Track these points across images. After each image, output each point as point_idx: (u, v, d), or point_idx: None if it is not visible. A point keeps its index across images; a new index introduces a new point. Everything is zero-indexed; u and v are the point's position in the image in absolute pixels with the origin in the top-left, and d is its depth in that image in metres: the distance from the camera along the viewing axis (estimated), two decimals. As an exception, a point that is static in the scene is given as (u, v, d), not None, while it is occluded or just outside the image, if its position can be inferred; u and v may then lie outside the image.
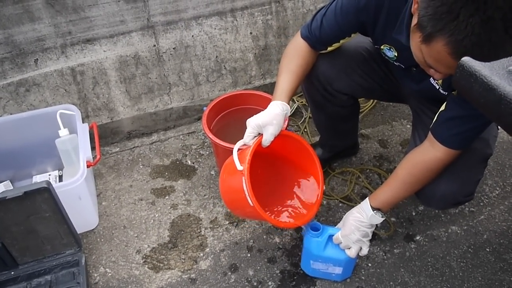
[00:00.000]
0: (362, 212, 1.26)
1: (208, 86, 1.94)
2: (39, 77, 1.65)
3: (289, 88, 1.26)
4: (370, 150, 1.87)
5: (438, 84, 1.17)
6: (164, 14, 1.70)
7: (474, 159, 1.25)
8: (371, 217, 1.24)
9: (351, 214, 1.28)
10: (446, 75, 0.98)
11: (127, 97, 1.82)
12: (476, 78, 0.63)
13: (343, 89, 1.45)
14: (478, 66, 0.64)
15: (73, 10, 1.57)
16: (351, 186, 1.72)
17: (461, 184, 1.24)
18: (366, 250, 1.28)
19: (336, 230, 1.30)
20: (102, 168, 1.81)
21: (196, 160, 1.84)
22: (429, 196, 1.28)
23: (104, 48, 1.69)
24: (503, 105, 0.59)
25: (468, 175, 1.25)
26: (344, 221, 1.29)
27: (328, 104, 1.49)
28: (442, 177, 1.23)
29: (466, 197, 1.29)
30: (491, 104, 0.62)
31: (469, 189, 1.28)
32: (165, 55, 1.79)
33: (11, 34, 1.54)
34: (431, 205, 1.33)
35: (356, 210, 1.29)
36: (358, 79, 1.43)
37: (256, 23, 1.87)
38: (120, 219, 1.63)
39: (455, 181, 1.23)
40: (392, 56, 1.24)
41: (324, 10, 1.25)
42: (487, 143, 1.26)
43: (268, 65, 2.00)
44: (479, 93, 0.63)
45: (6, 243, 1.33)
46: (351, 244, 1.27)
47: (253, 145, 1.19)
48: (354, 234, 1.25)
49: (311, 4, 1.92)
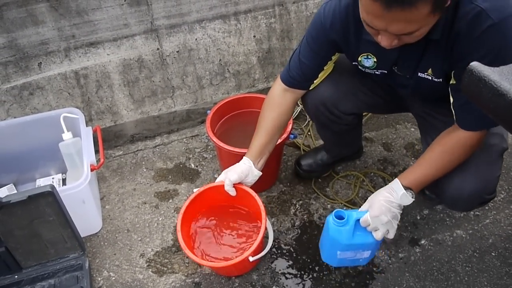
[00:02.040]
0: (393, 192, 1.19)
1: (212, 89, 1.94)
2: (42, 80, 1.65)
3: (258, 146, 1.36)
4: (374, 154, 1.86)
5: (429, 75, 1.16)
6: (167, 17, 1.70)
7: (494, 155, 1.24)
8: (402, 196, 1.17)
9: (380, 194, 1.21)
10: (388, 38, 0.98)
11: (130, 100, 1.82)
12: (485, 83, 0.63)
13: (349, 110, 1.45)
14: (487, 71, 0.63)
15: (77, 14, 1.57)
16: (355, 189, 1.71)
17: (485, 182, 1.23)
18: (393, 233, 1.22)
19: (361, 214, 1.21)
20: (106, 172, 1.81)
21: (199, 163, 1.84)
22: (456, 197, 1.26)
23: (107, 51, 1.69)
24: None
25: (490, 172, 1.24)
26: (372, 202, 1.21)
27: (334, 124, 1.50)
28: (466, 177, 1.22)
29: (490, 194, 1.28)
30: (501, 109, 0.61)
31: (492, 186, 1.27)
32: (169, 59, 1.79)
33: (15, 38, 1.54)
34: (458, 207, 1.31)
35: (386, 190, 1.21)
36: (363, 97, 1.43)
37: (259, 26, 1.87)
38: (124, 222, 1.62)
39: (479, 180, 1.22)
40: (371, 64, 1.23)
41: (297, 49, 1.31)
42: (502, 138, 1.26)
43: (271, 68, 1.99)
44: (488, 98, 0.62)
45: (10, 247, 1.33)
46: (379, 226, 1.20)
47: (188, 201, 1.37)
48: (385, 216, 1.18)
49: (315, 7, 1.92)
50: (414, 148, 1.87)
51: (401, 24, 0.92)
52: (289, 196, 1.70)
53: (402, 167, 1.80)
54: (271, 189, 1.73)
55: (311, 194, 1.71)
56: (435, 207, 1.64)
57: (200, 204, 1.45)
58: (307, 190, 1.72)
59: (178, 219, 1.35)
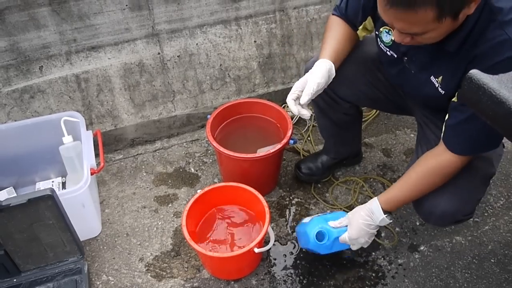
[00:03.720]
0: (372, 215, 1.26)
1: (212, 94, 1.94)
2: (43, 84, 1.66)
3: (333, 50, 1.28)
4: (373, 159, 1.86)
5: (437, 82, 1.15)
6: (168, 22, 1.71)
7: (477, 179, 1.25)
8: (381, 220, 1.25)
9: (360, 216, 1.28)
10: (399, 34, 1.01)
11: (131, 104, 1.83)
12: (484, 91, 0.63)
13: (347, 97, 1.46)
14: (486, 79, 0.63)
15: (79, 18, 1.58)
16: (355, 195, 1.71)
17: (461, 203, 1.24)
18: (368, 244, 1.33)
19: (341, 232, 1.32)
20: (106, 175, 1.81)
21: (199, 167, 1.84)
22: (428, 213, 1.27)
23: (108, 55, 1.70)
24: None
25: (469, 195, 1.25)
26: (351, 222, 1.30)
27: (331, 110, 1.51)
28: (443, 194, 1.22)
29: (465, 215, 1.28)
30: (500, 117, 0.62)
31: (469, 208, 1.28)
32: (170, 63, 1.80)
33: (16, 41, 1.54)
34: (430, 221, 1.31)
35: (365, 213, 1.28)
36: (363, 88, 1.43)
37: (260, 32, 1.88)
38: (123, 226, 1.62)
39: (456, 200, 1.22)
40: (388, 41, 1.22)
41: None
42: (490, 163, 1.26)
43: (272, 74, 2.00)
44: (487, 106, 0.63)
45: (9, 250, 1.33)
46: (356, 244, 1.32)
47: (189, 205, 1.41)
48: (363, 238, 1.28)
49: (315, 13, 1.92)
50: (413, 154, 1.87)
51: (404, 23, 0.94)
52: (288, 201, 1.70)
53: (402, 173, 1.79)
54: (271, 194, 1.73)
55: (311, 199, 1.71)
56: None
57: (203, 204, 1.48)
58: (307, 195, 1.72)
59: (182, 216, 1.38)
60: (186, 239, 1.32)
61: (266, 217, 1.37)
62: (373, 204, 1.27)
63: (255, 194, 1.45)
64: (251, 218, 1.53)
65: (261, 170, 1.62)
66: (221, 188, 1.49)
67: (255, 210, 1.51)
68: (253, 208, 1.51)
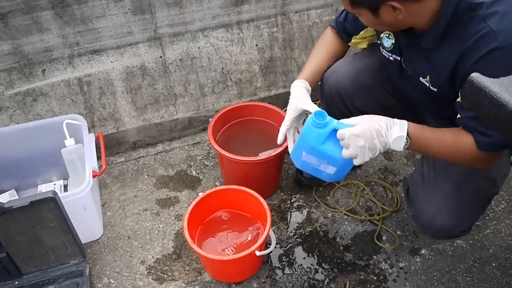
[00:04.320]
0: (392, 126, 1.07)
1: (214, 97, 1.95)
2: (46, 87, 1.67)
3: (310, 70, 1.39)
4: (375, 163, 1.86)
5: (427, 82, 1.16)
6: (171, 25, 1.72)
7: (478, 199, 1.25)
8: (397, 139, 1.06)
9: (377, 122, 1.07)
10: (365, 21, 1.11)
11: (133, 107, 1.83)
12: (485, 94, 0.63)
13: (362, 106, 1.43)
14: (487, 82, 0.64)
15: (81, 22, 1.59)
16: (356, 198, 1.71)
17: (459, 221, 1.24)
18: (360, 161, 1.09)
19: (343, 126, 1.09)
20: (107, 178, 1.81)
21: (201, 170, 1.85)
22: (426, 226, 1.28)
23: (111, 59, 1.71)
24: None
25: (468, 213, 1.25)
26: (363, 122, 1.08)
27: (342, 118, 1.48)
28: (443, 210, 1.22)
29: (461, 232, 1.29)
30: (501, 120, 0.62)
31: (466, 225, 1.29)
32: (171, 66, 1.80)
33: (19, 45, 1.55)
34: (427, 233, 1.32)
35: (385, 121, 1.07)
36: (379, 96, 1.43)
37: (262, 35, 1.89)
38: (125, 229, 1.63)
39: (453, 217, 1.22)
40: (389, 45, 1.24)
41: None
42: (494, 184, 1.25)
43: (273, 77, 2.01)
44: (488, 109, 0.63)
45: (11, 252, 1.33)
46: (352, 146, 1.07)
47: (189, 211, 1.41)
48: (364, 140, 1.06)
49: (317, 17, 1.93)
50: (414, 158, 1.88)
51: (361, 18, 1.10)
52: (289, 205, 1.71)
53: (403, 176, 1.80)
54: (272, 197, 1.74)
55: (312, 202, 1.71)
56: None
57: (205, 207, 1.49)
58: (308, 198, 1.73)
59: (184, 219, 1.38)
60: (188, 242, 1.32)
61: (268, 220, 1.37)
62: (402, 121, 1.09)
63: (256, 197, 1.45)
64: (252, 221, 1.53)
65: (262, 173, 1.62)
66: (223, 191, 1.50)
67: (256, 213, 1.51)
68: (254, 211, 1.52)
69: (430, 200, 1.26)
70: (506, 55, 0.94)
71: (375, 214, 1.66)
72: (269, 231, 1.37)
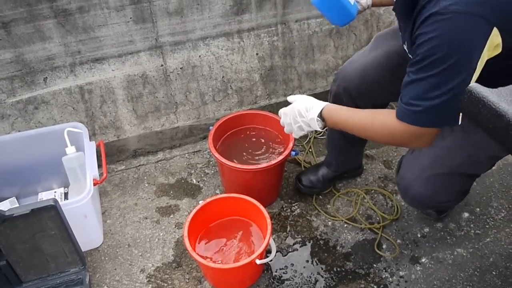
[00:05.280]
0: (309, 111, 1.20)
1: (214, 105, 1.96)
2: (47, 95, 1.68)
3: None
4: (375, 171, 1.87)
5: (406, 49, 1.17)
6: (172, 34, 1.73)
7: (456, 173, 1.26)
8: (311, 119, 1.19)
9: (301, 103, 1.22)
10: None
11: (134, 115, 1.84)
12: (484, 104, 0.64)
13: (373, 101, 1.44)
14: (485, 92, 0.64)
15: (83, 30, 1.60)
16: (356, 207, 1.71)
17: (433, 192, 1.28)
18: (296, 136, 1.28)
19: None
20: (108, 186, 1.82)
21: (201, 179, 1.85)
22: (403, 193, 1.33)
23: (112, 67, 1.72)
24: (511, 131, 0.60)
25: (444, 187, 1.27)
26: (293, 103, 1.25)
27: None
28: (418, 180, 1.26)
29: (441, 203, 1.32)
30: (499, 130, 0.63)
31: (443, 198, 1.30)
32: (172, 75, 1.82)
33: (21, 53, 1.56)
34: (406, 201, 1.36)
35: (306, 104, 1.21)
36: (393, 88, 1.35)
37: (262, 44, 1.90)
38: (125, 237, 1.62)
39: (428, 187, 1.27)
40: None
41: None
42: (476, 163, 1.25)
43: (273, 85, 2.02)
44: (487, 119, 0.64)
45: (11, 260, 1.33)
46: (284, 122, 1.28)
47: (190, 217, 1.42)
48: (289, 118, 1.25)
49: (317, 26, 1.95)
50: (414, 166, 1.88)
51: None
52: (290, 213, 1.71)
53: (403, 185, 1.80)
54: (272, 205, 1.74)
55: (312, 211, 1.71)
56: (435, 225, 1.64)
57: (205, 216, 1.49)
58: (308, 207, 1.73)
59: (184, 227, 1.38)
60: (188, 250, 1.32)
61: (268, 229, 1.37)
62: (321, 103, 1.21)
63: (256, 206, 1.45)
64: (252, 229, 1.53)
65: (262, 181, 1.63)
66: (223, 199, 1.50)
67: (257, 221, 1.51)
68: (254, 219, 1.52)
69: (410, 168, 1.30)
70: (441, 19, 0.93)
71: (375, 223, 1.66)
72: (270, 240, 1.37)
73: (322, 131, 2.04)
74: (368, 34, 2.06)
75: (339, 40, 2.03)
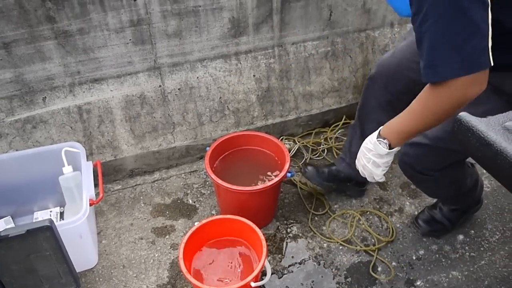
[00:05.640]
0: (371, 138, 1.21)
1: (211, 126, 1.97)
2: (46, 114, 1.69)
3: None
4: (370, 192, 1.88)
5: None
6: (170, 56, 1.76)
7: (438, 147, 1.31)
8: (375, 144, 1.18)
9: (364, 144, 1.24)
10: None
11: (131, 135, 1.85)
12: (473, 133, 0.66)
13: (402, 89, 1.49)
14: (474, 122, 0.66)
15: (83, 51, 1.62)
16: (351, 229, 1.72)
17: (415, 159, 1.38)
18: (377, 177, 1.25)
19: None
20: (104, 206, 1.82)
21: (197, 199, 1.85)
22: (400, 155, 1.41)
23: (111, 87, 1.74)
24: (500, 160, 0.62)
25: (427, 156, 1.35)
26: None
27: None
28: (405, 145, 1.37)
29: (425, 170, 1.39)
30: (488, 158, 0.64)
31: (427, 166, 1.38)
32: (170, 95, 1.84)
33: (21, 73, 1.58)
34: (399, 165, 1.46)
35: (367, 140, 1.23)
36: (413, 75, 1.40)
37: (259, 66, 1.93)
38: (120, 258, 1.62)
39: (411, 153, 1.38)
40: None
41: None
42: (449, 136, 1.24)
43: (270, 106, 2.04)
44: (476, 147, 0.65)
45: (5, 281, 1.32)
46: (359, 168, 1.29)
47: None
48: (359, 163, 1.28)
49: (313, 48, 1.98)
50: (409, 188, 1.89)
51: None
52: (285, 234, 1.71)
53: (398, 206, 1.81)
54: (268, 226, 1.74)
55: (308, 232, 1.72)
56: (430, 247, 1.65)
57: (200, 237, 1.50)
58: (304, 228, 1.73)
59: (179, 249, 1.38)
60: (183, 272, 1.32)
61: (263, 251, 1.37)
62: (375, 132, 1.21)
63: (252, 227, 1.46)
64: (248, 251, 1.53)
65: (258, 202, 1.63)
66: (218, 221, 1.50)
67: (252, 243, 1.51)
68: (250, 241, 1.52)
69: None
70: None
71: (370, 245, 1.66)
72: (265, 262, 1.37)
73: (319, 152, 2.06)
74: (363, 56, 2.10)
75: (334, 62, 2.06)
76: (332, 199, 1.85)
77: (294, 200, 1.85)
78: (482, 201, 1.72)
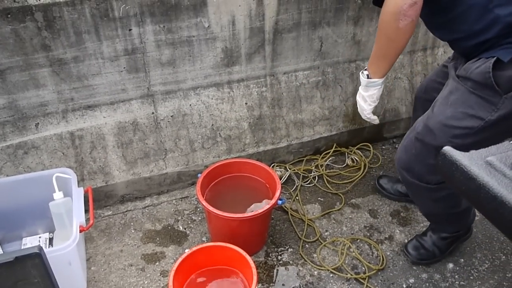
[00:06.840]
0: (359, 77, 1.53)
1: (203, 152, 1.99)
2: (38, 140, 1.70)
3: None
4: (360, 220, 1.89)
5: None
6: (163, 84, 1.78)
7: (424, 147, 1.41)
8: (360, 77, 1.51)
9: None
10: None
11: (123, 161, 1.86)
12: (457, 167, 0.68)
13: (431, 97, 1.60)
14: (458, 156, 0.69)
15: (77, 78, 1.65)
16: (342, 256, 1.72)
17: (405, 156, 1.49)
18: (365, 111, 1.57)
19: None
20: (93, 232, 1.81)
21: (188, 225, 1.85)
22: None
23: (104, 114, 1.75)
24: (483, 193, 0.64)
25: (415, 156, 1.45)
26: None
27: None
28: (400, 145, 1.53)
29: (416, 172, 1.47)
30: (472, 192, 0.66)
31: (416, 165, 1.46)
32: (163, 122, 1.86)
33: (15, 99, 1.60)
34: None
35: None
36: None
37: (251, 94, 1.96)
38: (109, 285, 1.60)
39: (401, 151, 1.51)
40: None
41: None
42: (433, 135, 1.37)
43: (262, 134, 2.07)
44: (460, 181, 0.68)
45: (-9, 309, 1.30)
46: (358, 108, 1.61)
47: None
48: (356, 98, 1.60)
49: (304, 78, 2.02)
50: (399, 215, 1.91)
51: None
52: (276, 262, 1.71)
53: (388, 234, 1.82)
54: (258, 254, 1.74)
55: (298, 260, 1.72)
56: (420, 276, 1.65)
57: (191, 264, 1.48)
58: (294, 255, 1.73)
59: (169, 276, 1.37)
60: None
61: (254, 279, 1.37)
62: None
63: (243, 255, 1.46)
64: (238, 279, 1.53)
65: (249, 229, 1.64)
66: (209, 248, 1.50)
67: (243, 270, 1.51)
68: (241, 268, 1.52)
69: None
70: None
71: (361, 273, 1.67)
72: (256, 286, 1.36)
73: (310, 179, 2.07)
74: (353, 86, 2.14)
75: (325, 91, 2.10)
76: (322, 226, 1.85)
77: (285, 227, 1.86)
78: (472, 230, 1.74)
